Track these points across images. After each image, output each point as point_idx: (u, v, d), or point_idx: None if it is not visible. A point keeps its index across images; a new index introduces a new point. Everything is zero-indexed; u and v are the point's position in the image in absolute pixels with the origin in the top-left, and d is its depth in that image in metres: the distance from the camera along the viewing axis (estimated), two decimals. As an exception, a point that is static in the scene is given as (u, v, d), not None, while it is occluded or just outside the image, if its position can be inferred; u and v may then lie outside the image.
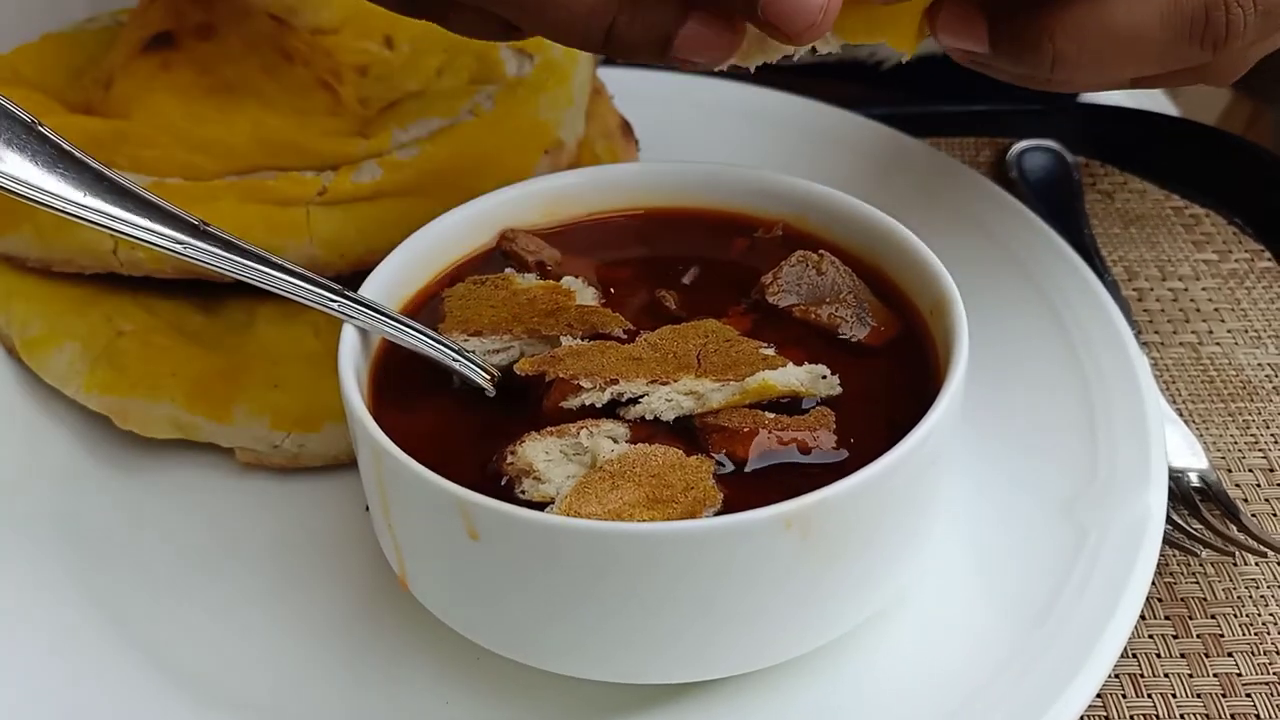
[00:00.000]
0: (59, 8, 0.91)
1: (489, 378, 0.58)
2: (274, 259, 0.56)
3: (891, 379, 0.58)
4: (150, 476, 0.69)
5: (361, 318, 0.57)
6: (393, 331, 0.57)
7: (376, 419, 0.53)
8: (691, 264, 0.65)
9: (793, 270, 0.61)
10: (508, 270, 0.63)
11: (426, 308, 0.63)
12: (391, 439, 0.52)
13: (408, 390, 0.58)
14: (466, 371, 0.57)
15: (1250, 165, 0.72)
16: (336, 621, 0.61)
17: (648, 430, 0.55)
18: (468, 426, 0.57)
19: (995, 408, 0.68)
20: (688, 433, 0.55)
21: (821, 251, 0.62)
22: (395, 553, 0.56)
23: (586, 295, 0.62)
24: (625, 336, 0.59)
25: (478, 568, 0.51)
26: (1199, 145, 0.80)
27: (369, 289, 0.60)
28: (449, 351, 0.57)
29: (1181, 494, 0.66)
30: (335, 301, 0.57)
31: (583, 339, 0.59)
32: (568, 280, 0.63)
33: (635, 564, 0.48)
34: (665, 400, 0.55)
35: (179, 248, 0.54)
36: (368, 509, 0.62)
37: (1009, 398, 0.69)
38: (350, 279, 0.65)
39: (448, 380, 0.59)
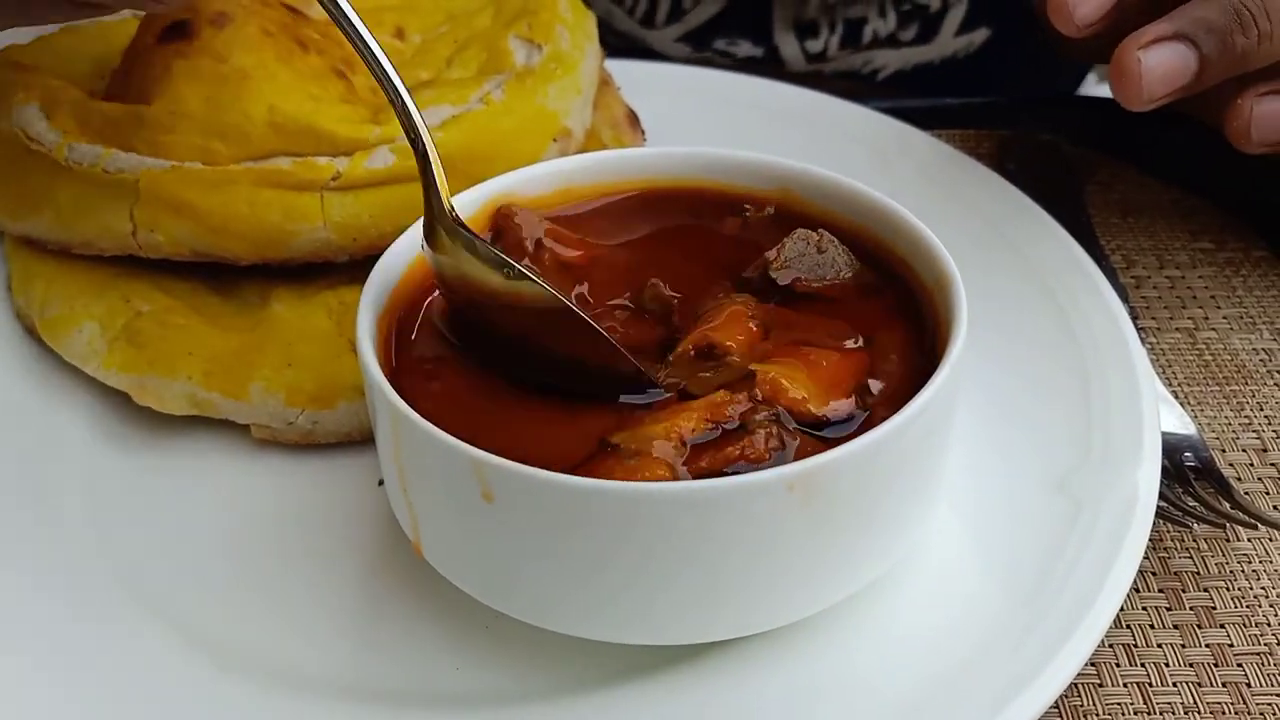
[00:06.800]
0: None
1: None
2: None
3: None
4: (167, 451, 0.70)
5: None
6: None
7: (393, 384, 0.54)
8: (684, 242, 0.67)
9: (795, 246, 0.62)
10: None
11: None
12: (408, 403, 0.53)
13: (424, 357, 0.60)
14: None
15: (1246, 156, 0.74)
16: (349, 591, 0.63)
17: None
18: (483, 393, 0.58)
19: (992, 385, 0.69)
20: None
21: (820, 230, 0.64)
22: (410, 518, 0.57)
23: None
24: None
25: (492, 530, 0.52)
26: (1196, 137, 0.82)
27: (384, 263, 0.61)
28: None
29: (1175, 471, 0.67)
30: None
31: None
32: None
33: (647, 523, 0.50)
34: None
35: None
36: (381, 484, 0.64)
37: (1006, 375, 0.70)
38: (363, 263, 0.67)
39: (463, 347, 0.60)
